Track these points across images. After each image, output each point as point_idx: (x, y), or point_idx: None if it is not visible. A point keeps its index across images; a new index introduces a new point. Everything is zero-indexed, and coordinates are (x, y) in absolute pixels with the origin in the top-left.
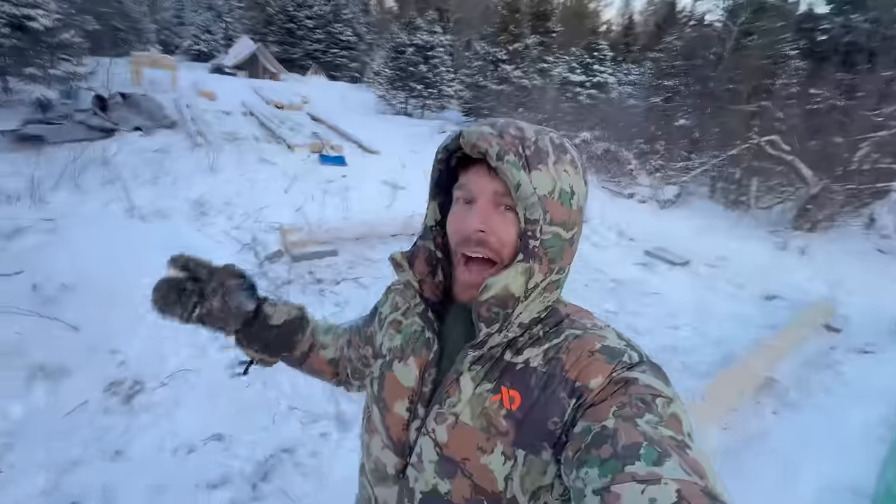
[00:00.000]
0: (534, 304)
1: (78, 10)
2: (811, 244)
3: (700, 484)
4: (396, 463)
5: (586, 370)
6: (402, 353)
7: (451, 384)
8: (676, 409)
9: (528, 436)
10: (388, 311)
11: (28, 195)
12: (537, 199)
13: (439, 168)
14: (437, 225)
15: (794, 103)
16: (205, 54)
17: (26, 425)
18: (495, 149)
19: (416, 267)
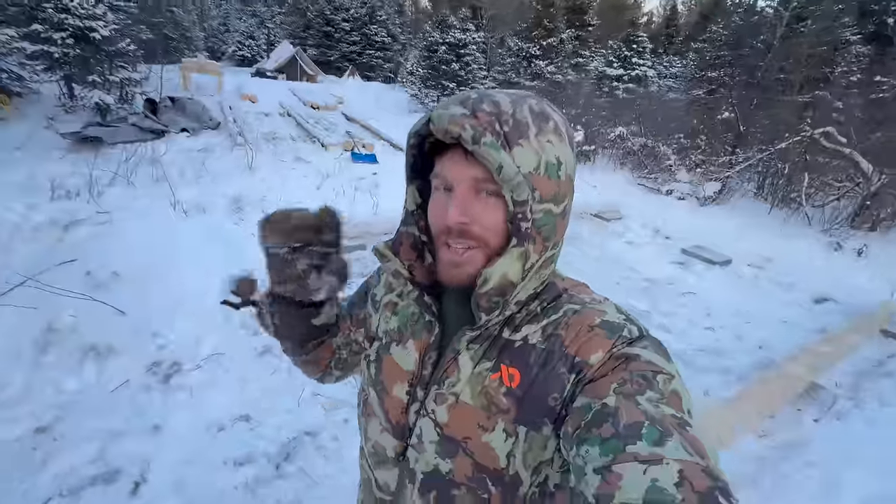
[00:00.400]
0: (530, 283)
1: (134, 20)
2: (870, 244)
3: (701, 464)
4: (396, 445)
5: (586, 345)
6: (399, 335)
7: (450, 364)
8: (677, 386)
9: (529, 412)
10: (382, 293)
11: (86, 191)
12: (522, 178)
13: (413, 153)
14: (418, 209)
15: (854, 92)
16: (248, 59)
17: (78, 399)
18: (469, 132)
19: (403, 254)
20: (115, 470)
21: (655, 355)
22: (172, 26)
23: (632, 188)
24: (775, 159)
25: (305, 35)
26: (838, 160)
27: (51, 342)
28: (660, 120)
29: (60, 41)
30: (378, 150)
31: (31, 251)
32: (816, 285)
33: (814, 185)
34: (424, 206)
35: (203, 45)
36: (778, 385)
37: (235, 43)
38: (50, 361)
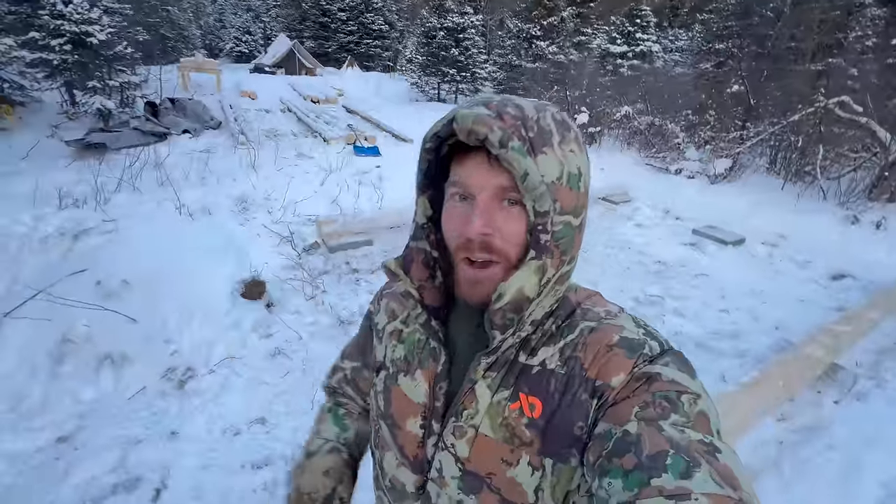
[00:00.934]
0: (546, 299)
1: (129, 22)
2: (889, 216)
3: (734, 497)
4: (416, 480)
5: (606, 367)
6: (406, 365)
7: (467, 394)
8: (703, 406)
9: (554, 444)
10: (385, 321)
11: (93, 198)
12: (546, 188)
13: (428, 158)
14: (428, 221)
15: (870, 58)
16: (246, 55)
17: (96, 408)
18: (497, 134)
19: (414, 272)
20: (136, 478)
21: (679, 373)
22: (168, 25)
23: (639, 169)
24: (788, 132)
25: (302, 27)
26: (854, 130)
27: (66, 353)
28: (666, 97)
29: (58, 48)
30: (380, 141)
31: (41, 262)
32: (833, 261)
33: (829, 157)
34: (434, 218)
35: (200, 42)
36: (796, 367)
37: (232, 39)
38: (67, 372)
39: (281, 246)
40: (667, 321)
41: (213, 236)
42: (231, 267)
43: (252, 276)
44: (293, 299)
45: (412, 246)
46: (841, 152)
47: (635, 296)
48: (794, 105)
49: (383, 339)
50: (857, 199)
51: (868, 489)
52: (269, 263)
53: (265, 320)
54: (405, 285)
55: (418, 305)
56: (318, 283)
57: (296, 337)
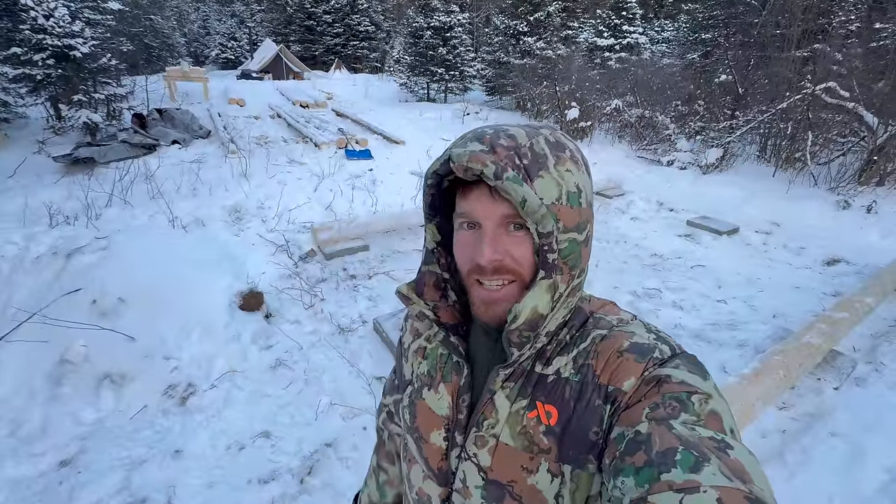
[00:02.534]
0: (559, 312)
1: (113, 33)
2: (879, 200)
3: (743, 490)
4: (441, 492)
5: (617, 372)
6: (430, 379)
7: (487, 405)
8: (715, 406)
9: (571, 450)
10: (410, 340)
11: (84, 215)
12: (546, 209)
13: (431, 193)
14: (438, 246)
15: (854, 43)
16: (232, 61)
17: (98, 429)
18: (491, 168)
19: (426, 294)
20: (142, 499)
21: (689, 374)
22: (152, 34)
23: (632, 162)
24: (777, 120)
25: (287, 31)
26: (842, 115)
27: (64, 374)
28: (655, 88)
29: (41, 62)
30: (372, 144)
31: (34, 283)
32: (827, 247)
33: (818, 142)
34: (443, 243)
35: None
36: (796, 356)
37: (217, 46)
38: (66, 393)
39: (277, 255)
40: (665, 314)
41: (207, 248)
42: (228, 279)
43: (249, 287)
44: (292, 309)
45: (424, 270)
46: (829, 138)
47: (633, 290)
48: (782, 92)
49: (409, 357)
50: (848, 184)
51: (872, 474)
52: (266, 273)
53: (264, 332)
54: (418, 307)
55: (434, 325)
56: (316, 292)
57: (296, 347)
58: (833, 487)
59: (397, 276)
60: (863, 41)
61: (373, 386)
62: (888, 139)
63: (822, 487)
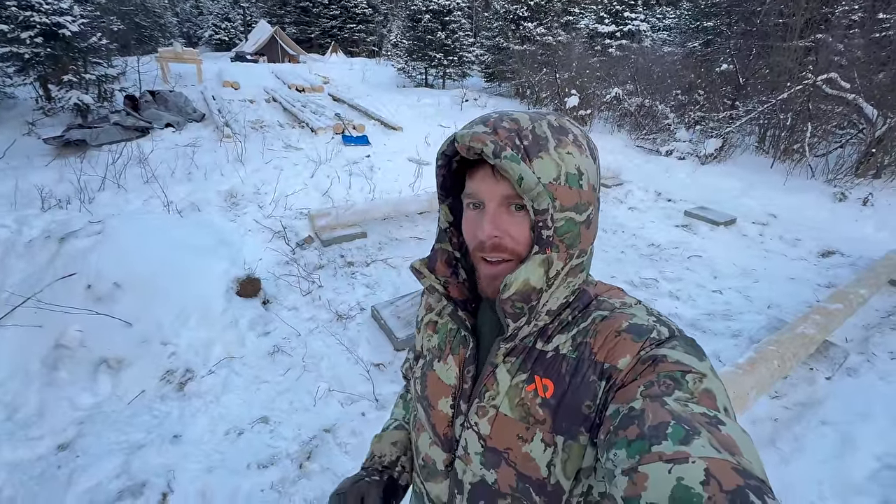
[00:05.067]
0: (559, 290)
1: (102, 11)
2: (876, 193)
3: (731, 461)
4: (445, 458)
5: (613, 350)
6: (440, 352)
7: (489, 377)
8: (709, 385)
9: (565, 422)
10: (423, 314)
11: (77, 198)
12: (542, 188)
13: (442, 174)
14: (450, 226)
15: (856, 33)
16: (226, 43)
17: (95, 413)
18: (490, 147)
19: (438, 270)
20: (141, 483)
21: (685, 355)
22: (144, 14)
23: (631, 151)
24: (777, 110)
25: (282, 12)
26: (841, 107)
27: (60, 359)
28: (656, 77)
29: (29, 40)
30: (369, 130)
31: (27, 267)
32: (822, 239)
33: (816, 134)
34: (455, 223)
35: (178, 31)
36: (791, 346)
37: (211, 26)
38: (63, 378)
39: (274, 241)
40: (662, 304)
41: (203, 234)
42: (224, 264)
43: (246, 273)
44: (289, 295)
45: (436, 247)
46: (828, 129)
47: (630, 279)
48: (783, 82)
49: (421, 330)
50: (845, 176)
51: (863, 462)
52: (263, 259)
53: (262, 318)
54: (429, 280)
55: (443, 298)
56: (313, 279)
57: (294, 334)
58: (823, 474)
59: (395, 263)
60: (865, 31)
61: (371, 373)
62: (887, 131)
63: (813, 474)
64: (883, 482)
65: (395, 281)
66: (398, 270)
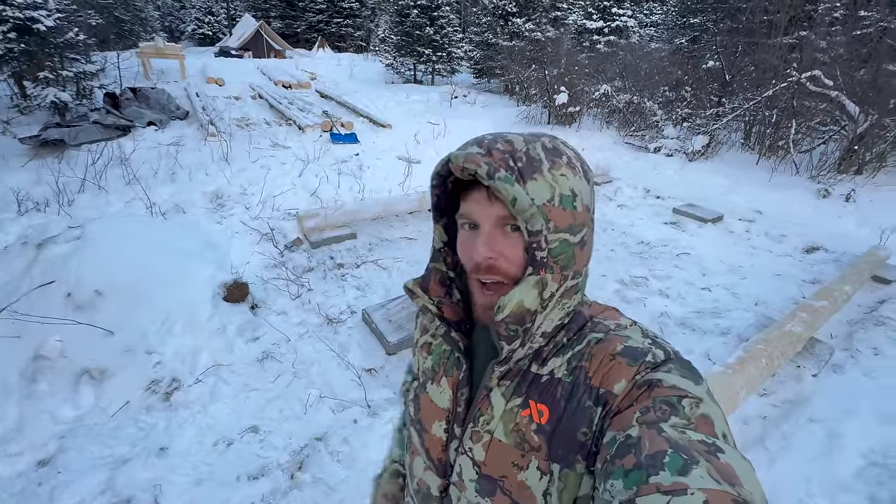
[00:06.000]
0: (553, 312)
1: (80, 5)
2: (858, 189)
3: (731, 493)
4: (439, 484)
5: (608, 375)
6: (434, 374)
7: (483, 401)
8: (707, 410)
9: (560, 449)
10: (418, 336)
11: (55, 200)
12: (536, 209)
13: (436, 194)
14: (445, 246)
15: (838, 30)
16: (209, 37)
17: (77, 427)
18: (484, 168)
19: (431, 290)
20: (127, 499)
21: (681, 379)
22: (123, 7)
23: (619, 148)
24: (762, 107)
25: (267, 6)
26: (825, 104)
27: (40, 370)
28: (643, 73)
29: (1, 35)
30: (358, 127)
31: (3, 275)
32: (806, 235)
33: (800, 130)
34: (450, 243)
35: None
36: (778, 344)
37: (194, 20)
38: (42, 390)
39: (262, 243)
40: (652, 302)
41: (188, 237)
42: (211, 269)
43: (233, 277)
44: (278, 300)
45: (430, 267)
46: (812, 126)
47: (620, 278)
48: (768, 79)
49: (415, 352)
50: (828, 173)
51: (849, 459)
52: (251, 263)
53: (250, 323)
54: (422, 301)
55: (436, 318)
56: (302, 282)
57: (284, 339)
58: (811, 472)
59: (386, 264)
60: (847, 29)
61: (362, 378)
62: (868, 128)
63: (801, 472)
64: (868, 480)
65: (385, 283)
66: (389, 272)
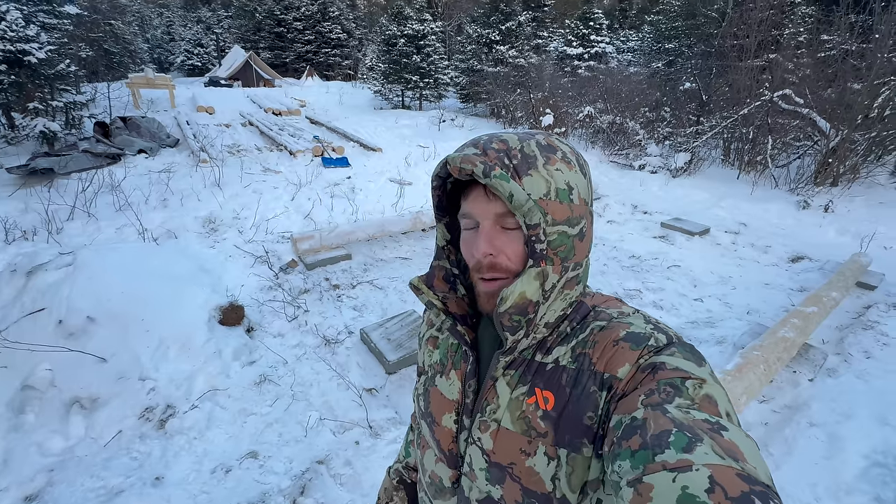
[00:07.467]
0: (556, 303)
1: (70, 37)
2: (835, 199)
3: (735, 467)
4: (451, 475)
5: (612, 360)
6: (442, 367)
7: (489, 391)
8: (710, 390)
9: (567, 434)
10: (424, 330)
11: (44, 228)
12: (533, 203)
13: (437, 195)
14: (448, 244)
15: (804, 53)
16: (199, 68)
17: (67, 459)
18: (480, 167)
19: (436, 286)
20: None
21: (684, 361)
22: (113, 40)
23: (605, 166)
24: (739, 125)
25: (257, 38)
26: (797, 120)
27: (28, 401)
28: (624, 95)
29: None
30: (349, 151)
31: None
32: (790, 245)
33: (777, 146)
34: (453, 241)
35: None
36: (773, 350)
37: (183, 52)
38: (30, 422)
39: (256, 266)
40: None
41: (182, 261)
42: (205, 292)
43: (229, 300)
44: (275, 322)
45: (434, 265)
46: (787, 142)
47: (614, 291)
48: (743, 99)
49: (422, 346)
50: (806, 185)
51: (852, 461)
52: (246, 286)
53: (247, 346)
54: (428, 296)
55: (442, 313)
56: (299, 303)
57: (281, 361)
58: (816, 476)
59: (381, 284)
60: (812, 52)
61: (363, 398)
62: (840, 142)
63: (807, 476)
64: (873, 481)
65: (382, 302)
66: (385, 291)
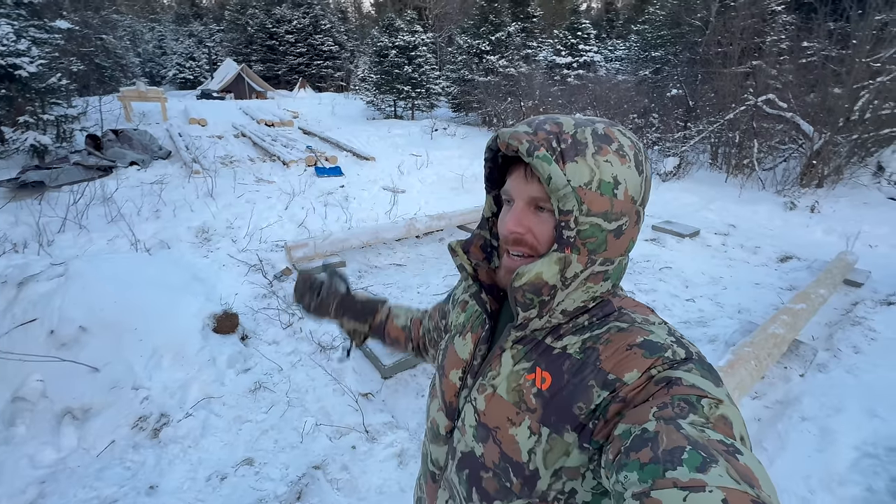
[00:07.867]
0: (576, 293)
1: (61, 52)
2: (820, 200)
3: (750, 493)
4: (447, 425)
5: (621, 363)
6: (463, 328)
7: (495, 359)
8: (726, 411)
9: (553, 415)
10: (459, 293)
11: (35, 240)
12: (570, 189)
13: (488, 167)
14: (493, 216)
15: (786, 59)
16: (191, 81)
17: (59, 470)
18: (525, 146)
19: (472, 253)
20: None
21: (701, 379)
22: (104, 54)
23: None
24: (725, 129)
25: (249, 51)
26: (782, 124)
27: (18, 413)
28: (613, 103)
29: None
30: (342, 161)
31: None
32: (779, 245)
33: (762, 149)
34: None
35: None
36: (764, 346)
37: (175, 66)
38: (21, 434)
39: (250, 275)
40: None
41: (175, 271)
42: (199, 301)
43: (223, 308)
44: (269, 329)
45: (476, 233)
46: (773, 145)
47: None
48: (728, 104)
49: (455, 306)
50: (792, 187)
51: (844, 453)
52: (240, 294)
53: (242, 354)
54: (460, 259)
55: (470, 277)
56: (293, 311)
57: (276, 368)
58: (810, 469)
59: (375, 290)
60: (793, 58)
61: (359, 403)
62: (823, 145)
63: (800, 469)
64: (864, 471)
65: None
66: (380, 296)
